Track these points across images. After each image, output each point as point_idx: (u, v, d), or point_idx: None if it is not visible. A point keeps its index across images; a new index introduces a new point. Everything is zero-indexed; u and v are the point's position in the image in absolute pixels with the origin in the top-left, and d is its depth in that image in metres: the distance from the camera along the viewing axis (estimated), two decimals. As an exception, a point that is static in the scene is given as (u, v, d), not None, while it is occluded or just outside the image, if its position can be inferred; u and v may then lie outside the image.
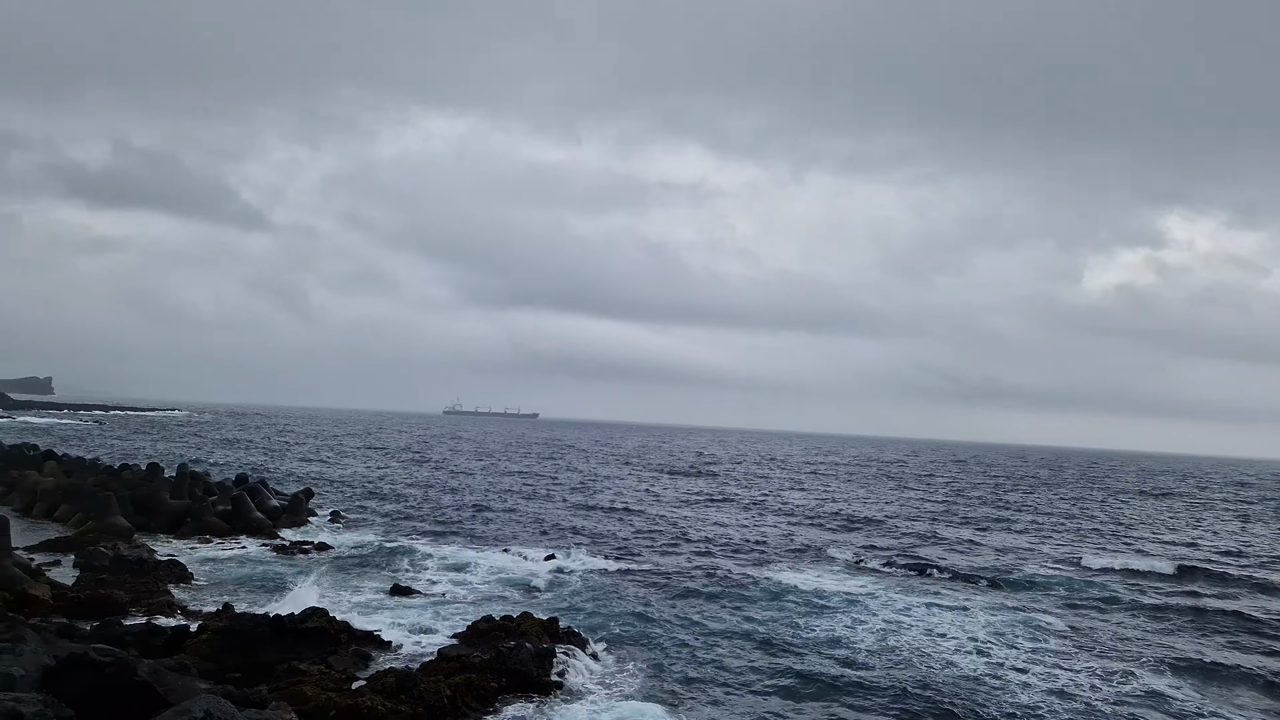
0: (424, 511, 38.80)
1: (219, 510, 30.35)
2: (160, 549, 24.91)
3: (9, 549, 19.32)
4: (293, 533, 30.11)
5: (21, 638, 10.46)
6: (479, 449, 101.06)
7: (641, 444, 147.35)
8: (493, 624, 16.92)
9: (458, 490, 49.42)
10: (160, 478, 34.42)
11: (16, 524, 24.92)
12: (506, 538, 31.89)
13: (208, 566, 23.43)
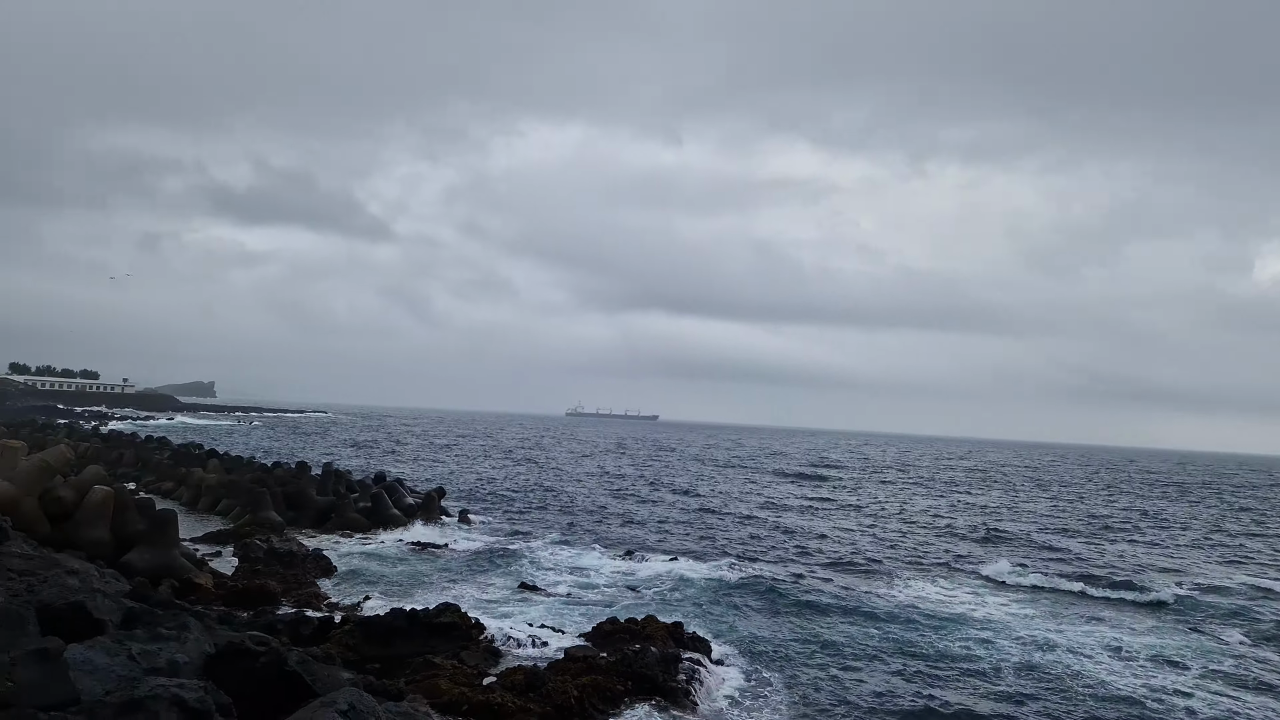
0: (549, 512, 39.62)
1: (360, 507, 32.03)
2: (308, 542, 26.46)
3: (177, 540, 21.01)
4: (426, 530, 31.35)
5: (185, 625, 11.18)
6: (600, 451, 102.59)
7: (759, 446, 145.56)
8: (617, 626, 16.92)
9: (580, 492, 50.20)
10: (307, 475, 36.70)
11: (184, 517, 27.14)
12: (627, 540, 32.01)
13: (351, 560, 24.70)
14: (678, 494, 52.05)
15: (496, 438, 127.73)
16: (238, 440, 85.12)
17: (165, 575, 19.06)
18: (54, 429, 69.54)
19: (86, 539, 21.09)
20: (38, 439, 47.66)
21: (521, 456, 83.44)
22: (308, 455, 61.96)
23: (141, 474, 42.97)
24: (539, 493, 48.46)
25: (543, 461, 77.35)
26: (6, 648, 8.91)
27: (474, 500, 42.82)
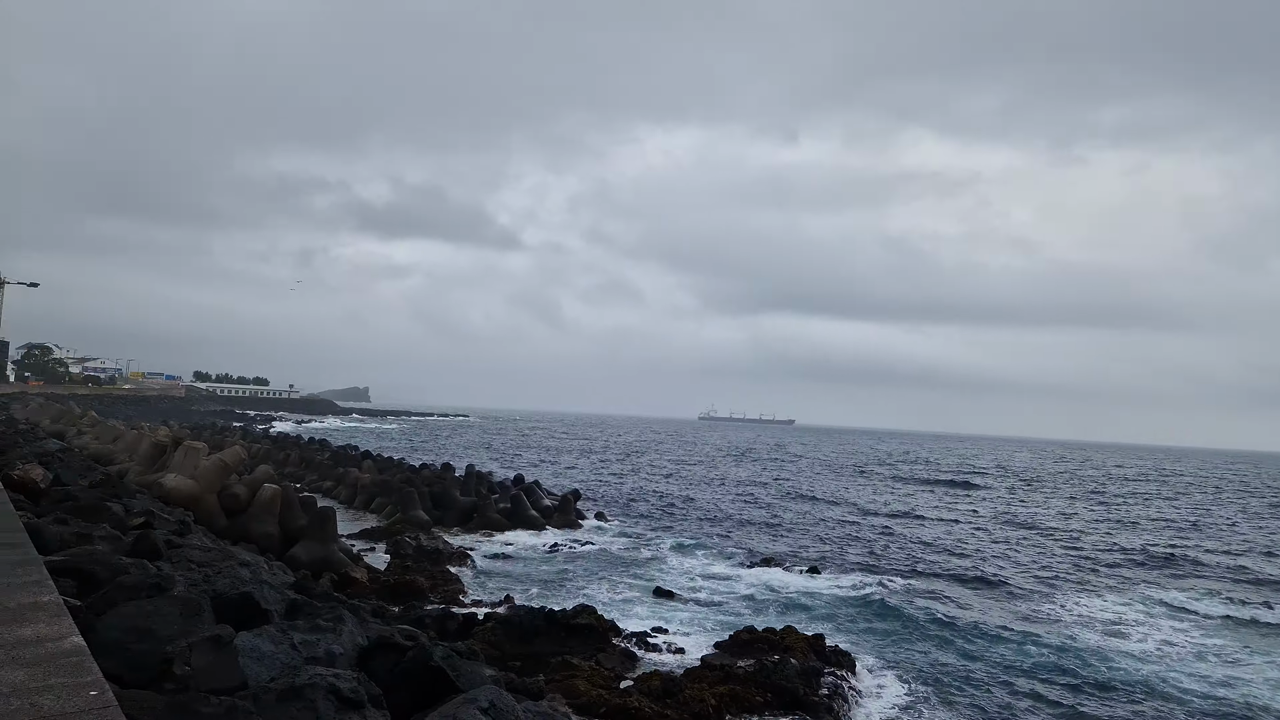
0: (682, 517, 39.43)
1: (500, 508, 33.04)
2: (452, 541, 27.47)
3: (336, 535, 22.30)
4: (562, 531, 31.91)
5: (341, 618, 11.64)
6: (735, 456, 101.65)
7: (900, 453, 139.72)
8: (754, 635, 16.44)
9: (714, 497, 49.77)
10: (451, 476, 38.29)
11: (342, 514, 28.85)
12: (762, 547, 31.30)
13: (491, 559, 25.44)
14: (815, 502, 50.63)
15: (629, 441, 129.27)
16: (388, 442, 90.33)
17: (325, 569, 20.22)
18: (230, 431, 76.21)
19: (258, 533, 22.74)
20: (216, 440, 52.32)
21: (653, 460, 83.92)
22: (451, 457, 64.81)
23: (304, 473, 46.14)
24: (672, 497, 48.42)
25: (675, 466, 77.44)
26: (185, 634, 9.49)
27: (608, 503, 43.27)
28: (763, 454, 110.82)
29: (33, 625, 4.30)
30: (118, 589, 9.82)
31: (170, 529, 18.06)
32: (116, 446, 40.53)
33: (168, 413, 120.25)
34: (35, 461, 23.33)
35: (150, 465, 31.51)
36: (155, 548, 13.86)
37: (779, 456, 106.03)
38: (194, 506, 23.39)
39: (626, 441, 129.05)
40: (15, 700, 3.26)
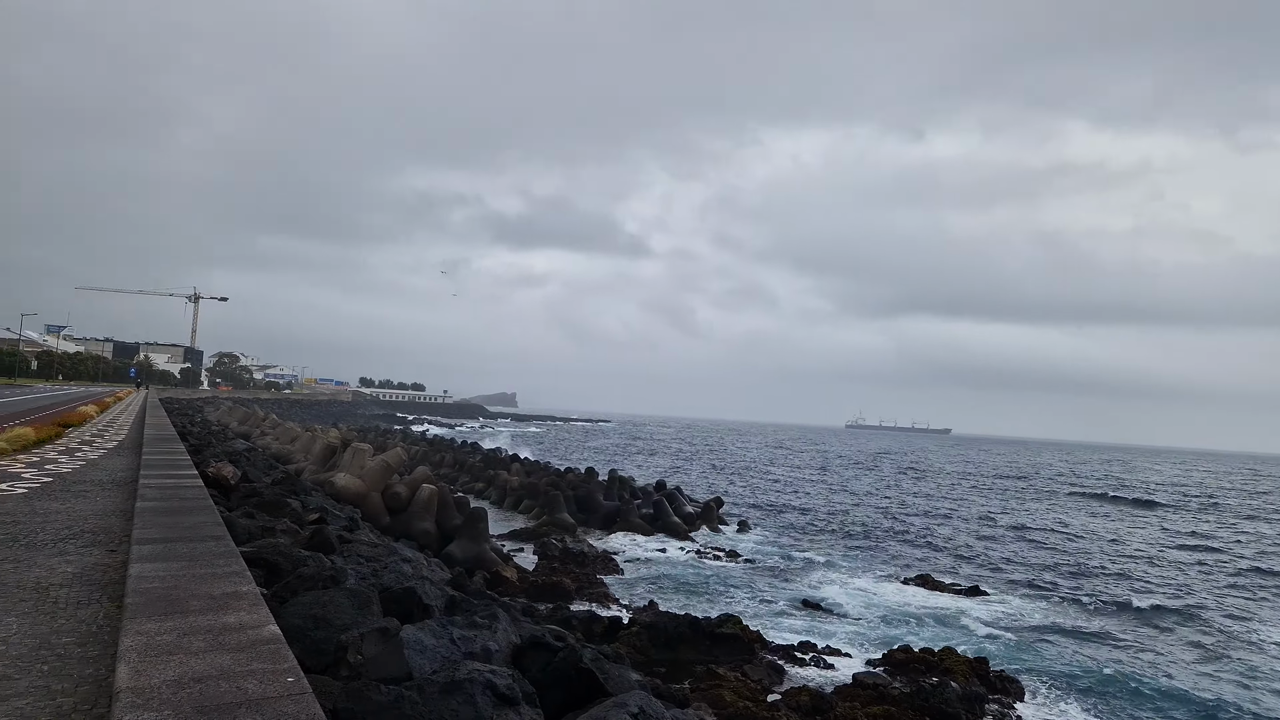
0: (829, 527, 38.31)
1: (643, 513, 33.33)
2: (596, 544, 27.95)
3: (488, 535, 23.20)
4: (705, 538, 31.76)
5: (495, 616, 12.01)
6: (884, 466, 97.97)
7: (1068, 465, 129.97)
8: (911, 654, 15.65)
9: (865, 508, 48.08)
10: (595, 480, 39.02)
11: (492, 514, 30.01)
12: (916, 562, 29.87)
13: (635, 563, 25.66)
14: (975, 517, 47.85)
15: (771, 449, 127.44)
16: (534, 446, 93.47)
17: (478, 567, 21.05)
18: (391, 434, 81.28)
19: (417, 530, 24.02)
20: (379, 442, 55.93)
21: (797, 468, 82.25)
22: (593, 462, 66.16)
23: (458, 475, 48.43)
24: (818, 507, 47.19)
25: (820, 475, 75.57)
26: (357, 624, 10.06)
27: (751, 511, 42.72)
28: (917, 464, 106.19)
29: (235, 613, 4.64)
30: (298, 579, 10.57)
31: (341, 525, 19.38)
32: (294, 447, 44.17)
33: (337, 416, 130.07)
34: (226, 460, 25.76)
35: (323, 464, 34.09)
36: (329, 542, 14.86)
37: (934, 467, 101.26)
38: (361, 504, 25.04)
39: (768, 449, 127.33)
40: (223, 683, 3.49)
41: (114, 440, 22.73)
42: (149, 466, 13.39)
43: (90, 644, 5.10)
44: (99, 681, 4.44)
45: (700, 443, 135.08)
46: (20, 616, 5.62)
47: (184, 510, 8.57)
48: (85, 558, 7.66)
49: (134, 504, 10.08)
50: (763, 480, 64.65)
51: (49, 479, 13.51)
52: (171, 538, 7.02)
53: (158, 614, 4.53)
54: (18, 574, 6.85)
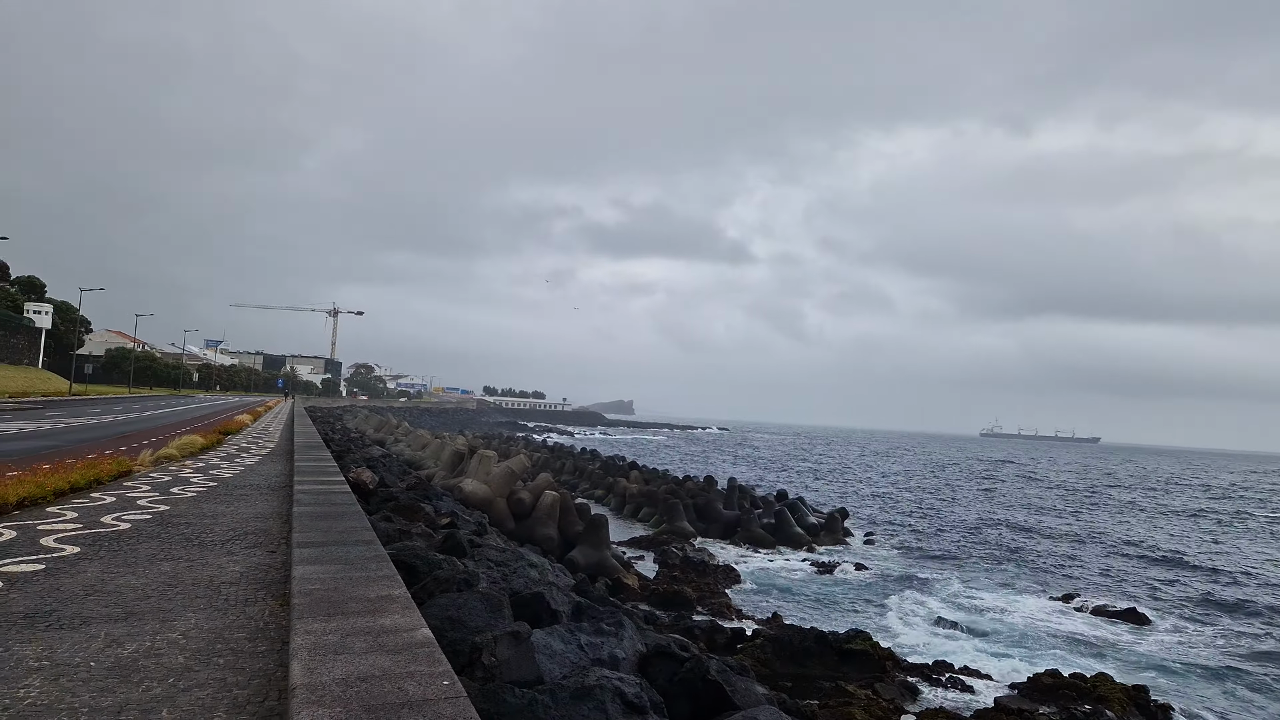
0: (966, 542, 36.49)
1: (764, 523, 32.87)
2: (717, 554, 27.76)
3: (608, 542, 23.47)
4: (829, 551, 30.97)
5: (621, 623, 12.09)
6: (1022, 478, 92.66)
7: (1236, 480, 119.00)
8: (1059, 680, 14.65)
9: (1004, 521, 45.58)
10: (714, 489, 38.81)
11: (612, 521, 30.36)
12: (1065, 580, 28.02)
13: (756, 574, 25.30)
14: (1131, 534, 44.49)
15: (896, 458, 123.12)
16: (652, 453, 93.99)
17: (600, 573, 21.31)
18: (514, 441, 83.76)
19: (540, 535, 24.59)
20: (503, 449, 57.72)
21: (927, 479, 79.06)
22: (711, 470, 65.90)
23: (578, 481, 49.34)
24: (952, 519, 45.11)
25: (953, 485, 72.32)
26: (490, 627, 10.34)
27: (878, 524, 41.31)
28: (1058, 475, 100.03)
29: (390, 615, 4.85)
30: (434, 581, 11.00)
31: (471, 529, 20.09)
32: (425, 453, 46.26)
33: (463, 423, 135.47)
34: (365, 465, 27.25)
35: (451, 470, 35.52)
36: (461, 546, 15.40)
37: (1079, 479, 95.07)
38: (488, 509, 25.90)
39: (893, 457, 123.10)
40: (386, 684, 3.64)
41: (267, 447, 24.46)
42: (301, 473, 14.30)
43: (259, 640, 5.45)
44: (268, 676, 4.73)
45: (818, 451, 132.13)
46: (197, 612, 6.08)
47: (335, 515, 9.07)
48: (250, 558, 8.24)
49: (290, 508, 10.78)
50: (889, 491, 62.46)
51: (214, 483, 14.66)
52: (327, 541, 7.44)
53: (322, 615, 4.79)
54: (192, 572, 7.43)
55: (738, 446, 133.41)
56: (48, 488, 11.36)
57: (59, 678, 4.53)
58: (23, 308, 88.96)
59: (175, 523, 10.11)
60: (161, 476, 15.25)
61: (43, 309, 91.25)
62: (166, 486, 13.73)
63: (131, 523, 9.93)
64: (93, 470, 13.38)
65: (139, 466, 16.20)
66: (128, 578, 7.05)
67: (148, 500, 11.98)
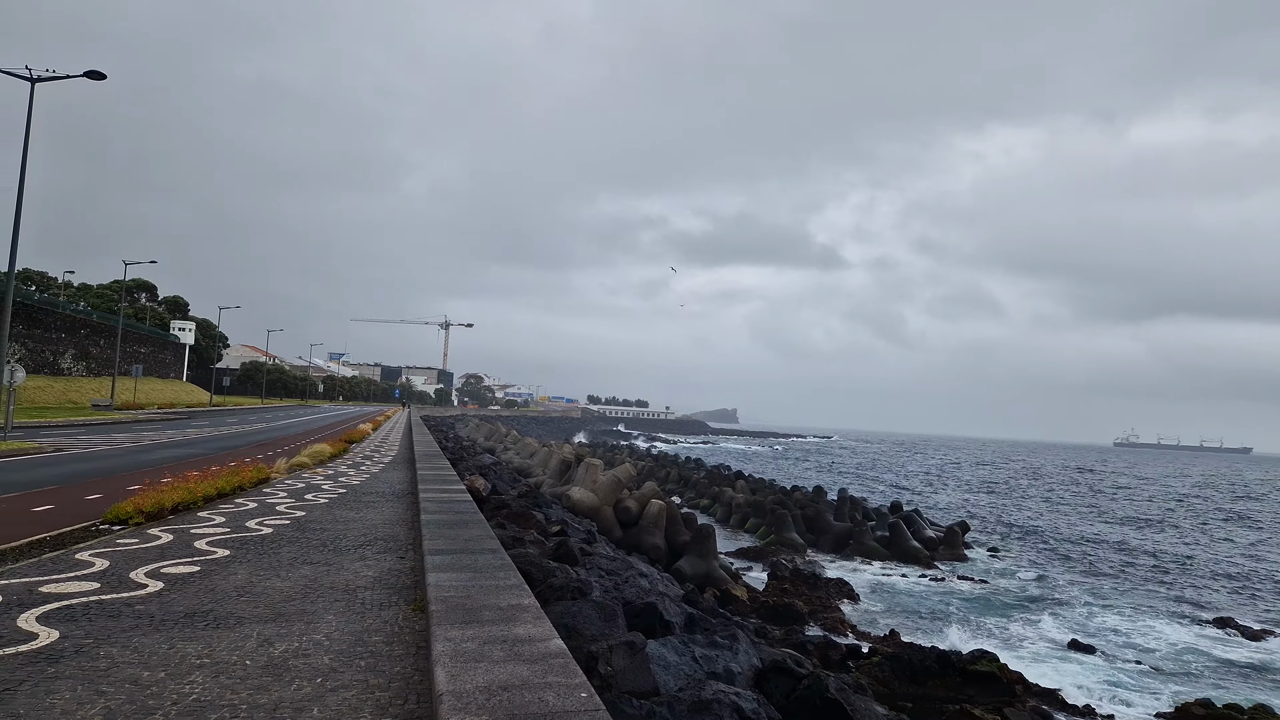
0: (1100, 558, 34.17)
1: (877, 535, 31.84)
2: (828, 566, 27.07)
3: (716, 552, 23.26)
4: (949, 565, 29.68)
5: (735, 636, 11.94)
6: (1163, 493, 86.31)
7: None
8: (1211, 711, 13.48)
9: (1140, 537, 42.56)
10: (824, 500, 37.92)
11: (718, 531, 30.11)
12: (1215, 601, 25.86)
13: (871, 589, 24.50)
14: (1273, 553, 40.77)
15: (1019, 468, 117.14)
16: (757, 463, 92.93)
17: (708, 584, 21.13)
18: (619, 449, 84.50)
19: (648, 544, 24.63)
20: (609, 458, 58.29)
21: (1054, 491, 74.78)
22: (817, 479, 64.48)
23: (683, 490, 49.26)
24: (1083, 533, 42.42)
25: (1084, 497, 68.12)
26: (604, 636, 10.38)
27: (1002, 538, 39.20)
28: (1206, 488, 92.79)
29: (523, 625, 4.92)
30: (549, 589, 11.15)
31: (581, 537, 20.33)
32: (533, 461, 47.29)
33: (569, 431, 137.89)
34: (478, 473, 28.09)
35: (559, 478, 36.14)
36: (573, 554, 15.59)
37: (1227, 492, 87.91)
38: (595, 517, 26.17)
39: (1016, 468, 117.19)
40: (526, 694, 3.67)
41: (389, 455, 25.57)
42: (424, 480, 14.83)
43: (395, 644, 5.65)
44: (407, 679, 4.88)
45: (931, 461, 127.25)
46: (337, 615, 6.36)
47: (460, 524, 9.34)
48: (381, 563, 8.58)
49: (415, 515, 11.18)
50: (1013, 504, 59.38)
51: (343, 490, 15.41)
52: (456, 549, 7.66)
53: (459, 622, 4.91)
54: (330, 576, 7.80)
55: (845, 455, 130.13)
56: (198, 494, 12.22)
57: (219, 675, 4.82)
58: (169, 325, 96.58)
59: (311, 528, 10.66)
60: (296, 483, 16.15)
61: (186, 326, 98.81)
62: (301, 493, 14.53)
63: (273, 528, 10.53)
64: (236, 477, 14.31)
65: (276, 474, 17.22)
66: (273, 580, 7.47)
67: (285, 506, 12.70)
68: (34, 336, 57.87)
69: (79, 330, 66.19)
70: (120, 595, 6.65)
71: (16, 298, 48.34)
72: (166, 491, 11.56)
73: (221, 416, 56.01)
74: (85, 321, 67.96)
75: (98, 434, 31.38)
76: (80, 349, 66.06)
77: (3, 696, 4.31)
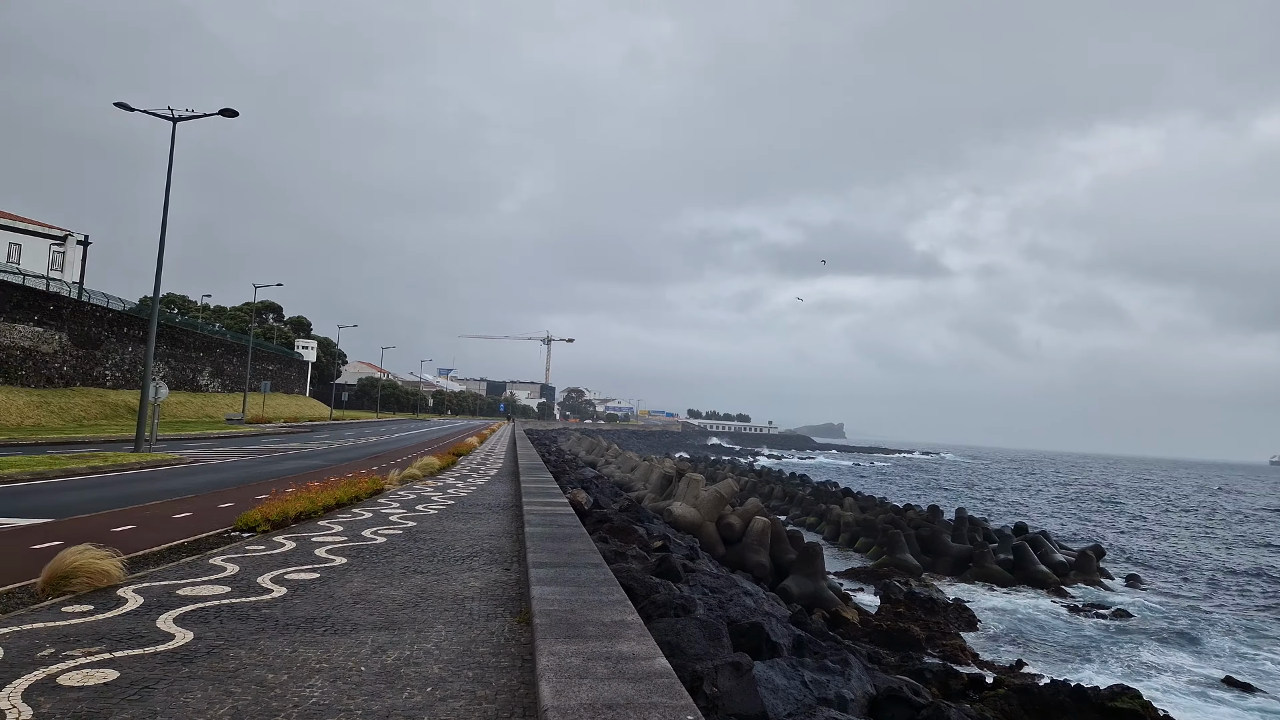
0: (1251, 590, 31.00)
1: (1000, 559, 30.16)
2: (946, 590, 25.82)
3: (824, 572, 22.56)
4: (1082, 592, 27.72)
5: (847, 661, 11.47)
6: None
7: None
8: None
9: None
10: (940, 520, 36.28)
11: (826, 550, 29.27)
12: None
13: (994, 615, 23.18)
14: None
15: (1159, 488, 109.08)
16: (865, 480, 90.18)
17: (816, 605, 20.50)
18: (720, 464, 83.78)
19: (752, 562, 24.16)
20: (710, 472, 57.84)
21: (1200, 514, 69.09)
22: (931, 498, 61.90)
23: (788, 507, 48.22)
24: (1233, 563, 38.78)
25: (1238, 522, 62.59)
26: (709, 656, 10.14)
27: (1140, 564, 36.21)
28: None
29: (626, 642, 4.82)
30: (652, 605, 11.01)
31: (683, 553, 20.13)
32: (634, 475, 47.44)
33: (669, 446, 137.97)
34: (579, 486, 28.35)
35: (660, 493, 36.05)
36: (675, 570, 15.41)
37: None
38: (697, 532, 25.90)
39: (1154, 487, 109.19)
40: (630, 713, 3.55)
41: (494, 468, 26.16)
42: (528, 494, 15.03)
43: (501, 655, 5.64)
44: (513, 691, 4.85)
45: (1052, 478, 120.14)
46: (446, 625, 6.44)
47: (563, 537, 9.36)
48: (487, 574, 8.68)
49: (520, 528, 11.31)
50: (1154, 526, 55.14)
51: (451, 502, 15.81)
52: (559, 563, 7.66)
53: (562, 636, 4.85)
54: (439, 586, 7.93)
55: (957, 472, 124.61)
56: (319, 504, 12.78)
57: (336, 680, 4.92)
58: (293, 344, 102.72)
59: (422, 538, 10.94)
60: (407, 494, 16.69)
61: (309, 344, 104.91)
62: (412, 504, 14.99)
63: (386, 537, 10.87)
64: (353, 488, 14.91)
65: (389, 485, 17.87)
66: (387, 589, 7.66)
67: (398, 516, 13.11)
68: (176, 356, 62.64)
69: (215, 349, 71.29)
70: (248, 599, 6.96)
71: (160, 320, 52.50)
72: (290, 501, 12.14)
73: (340, 430, 58.95)
74: (220, 341, 73.14)
75: (230, 446, 33.55)
76: (216, 367, 71.08)
77: (142, 693, 4.53)
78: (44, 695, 4.43)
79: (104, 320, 51.44)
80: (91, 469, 20.03)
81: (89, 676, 4.74)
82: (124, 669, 4.94)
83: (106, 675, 4.79)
